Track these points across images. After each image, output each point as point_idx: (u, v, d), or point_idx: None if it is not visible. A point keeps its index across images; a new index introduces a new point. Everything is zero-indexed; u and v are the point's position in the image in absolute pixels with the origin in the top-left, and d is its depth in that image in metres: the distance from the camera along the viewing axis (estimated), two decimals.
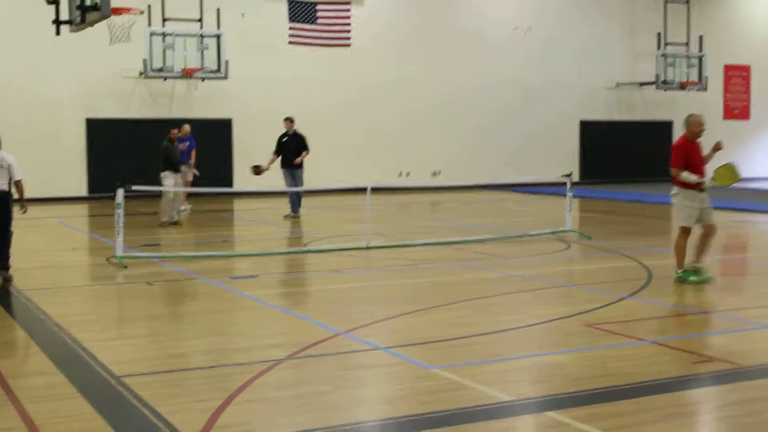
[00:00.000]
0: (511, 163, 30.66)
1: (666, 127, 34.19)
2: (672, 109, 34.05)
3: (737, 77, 35.53)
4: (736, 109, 35.62)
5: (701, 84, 31.86)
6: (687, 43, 32.17)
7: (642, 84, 32.61)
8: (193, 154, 20.77)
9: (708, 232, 11.43)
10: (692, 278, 11.26)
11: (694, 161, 11.27)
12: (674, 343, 8.28)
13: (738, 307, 10.24)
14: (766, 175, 36.00)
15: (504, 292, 11.03)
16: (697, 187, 11.19)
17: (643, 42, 32.93)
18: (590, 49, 32.59)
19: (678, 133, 33.86)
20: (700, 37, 32.13)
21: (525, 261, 13.71)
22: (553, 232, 16.73)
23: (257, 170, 19.78)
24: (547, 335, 8.77)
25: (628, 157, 33.47)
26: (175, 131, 19.04)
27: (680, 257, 11.41)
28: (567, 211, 16.93)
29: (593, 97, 32.80)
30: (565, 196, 17.26)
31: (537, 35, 31.66)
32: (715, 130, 34.87)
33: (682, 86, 31.55)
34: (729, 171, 11.57)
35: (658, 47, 31.53)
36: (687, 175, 11.12)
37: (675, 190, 11.43)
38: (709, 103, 34.51)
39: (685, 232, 11.41)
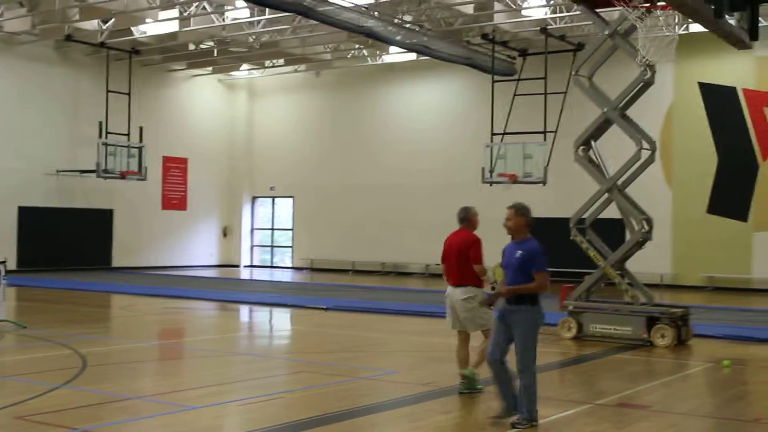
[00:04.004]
0: None
1: (107, 215, 34.38)
2: (112, 197, 34.36)
3: (175, 168, 36.96)
4: (175, 199, 36.96)
5: (141, 174, 32.57)
6: (128, 134, 32.81)
7: (83, 172, 32.55)
8: None
9: None
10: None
11: None
12: (107, 429, 8.32)
13: (170, 391, 10.53)
14: (202, 263, 37.67)
15: None
16: None
17: (85, 130, 32.96)
18: (32, 134, 31.88)
19: (118, 220, 34.31)
20: (141, 128, 32.97)
21: None
22: None
23: None
24: None
25: (69, 245, 33.06)
26: None
27: None
28: (0, 300, 16.23)
29: (33, 182, 32.03)
30: None
31: None
32: (154, 219, 35.97)
33: (123, 175, 32.00)
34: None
35: (100, 135, 31.76)
36: None
37: None
38: (149, 192, 35.44)
39: None
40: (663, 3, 14.97)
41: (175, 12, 28.91)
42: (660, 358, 13.89)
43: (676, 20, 23.09)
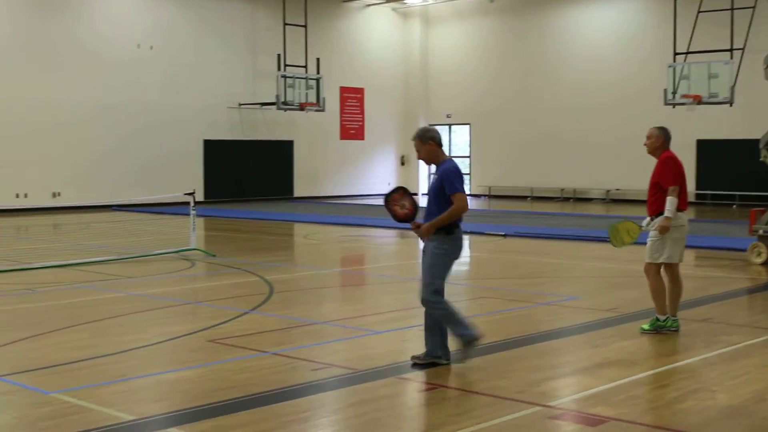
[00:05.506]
0: (136, 184, 30.12)
1: (287, 146, 35.23)
2: (292, 129, 35.17)
3: (352, 99, 37.40)
4: (352, 129, 37.47)
5: (319, 105, 33.14)
6: (305, 66, 33.35)
7: (263, 104, 33.37)
8: None
9: None
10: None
11: None
12: (294, 352, 8.57)
13: (353, 316, 10.77)
14: (380, 192, 38.18)
15: (127, 312, 10.83)
16: None
17: (264, 63, 33.73)
18: (213, 69, 32.83)
19: (298, 151, 35.11)
20: (318, 60, 33.45)
21: (148, 280, 13.56)
22: (177, 251, 16.66)
23: None
24: (171, 353, 8.73)
25: (252, 176, 34.12)
26: None
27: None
28: (191, 230, 16.93)
29: (217, 116, 33.07)
30: (188, 215, 17.26)
31: (160, 55, 31.39)
32: (332, 149, 36.61)
33: (302, 107, 32.65)
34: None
35: (278, 68, 32.43)
36: None
37: None
38: (327, 123, 36.06)
39: None
40: None
41: None
42: None
43: None
